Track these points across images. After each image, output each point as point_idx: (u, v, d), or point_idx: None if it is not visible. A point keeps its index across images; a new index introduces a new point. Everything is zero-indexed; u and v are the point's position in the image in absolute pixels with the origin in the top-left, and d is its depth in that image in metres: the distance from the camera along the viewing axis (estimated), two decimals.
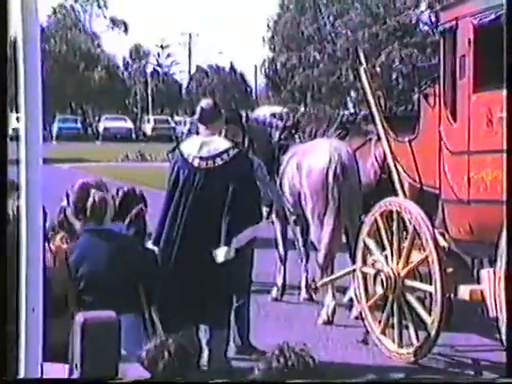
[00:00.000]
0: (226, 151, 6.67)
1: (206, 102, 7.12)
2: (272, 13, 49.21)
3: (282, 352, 2.35)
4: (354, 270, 8.07)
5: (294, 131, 10.00)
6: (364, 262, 7.90)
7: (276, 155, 9.67)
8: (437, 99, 7.29)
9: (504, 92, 6.01)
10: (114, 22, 71.52)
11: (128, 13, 77.01)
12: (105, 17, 71.51)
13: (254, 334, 7.49)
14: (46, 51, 58.23)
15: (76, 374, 2.49)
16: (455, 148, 7.03)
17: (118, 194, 5.73)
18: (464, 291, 7.00)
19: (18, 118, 2.76)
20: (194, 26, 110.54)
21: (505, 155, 5.88)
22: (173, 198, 6.66)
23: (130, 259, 5.22)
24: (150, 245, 6.49)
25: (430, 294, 7.21)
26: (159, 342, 3.30)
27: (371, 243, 7.82)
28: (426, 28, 43.85)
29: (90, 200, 5.08)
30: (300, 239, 9.74)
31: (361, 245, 7.94)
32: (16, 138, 2.67)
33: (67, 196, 5.23)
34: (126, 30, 71.47)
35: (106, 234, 5.25)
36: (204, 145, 6.70)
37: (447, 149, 7.13)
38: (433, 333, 7.08)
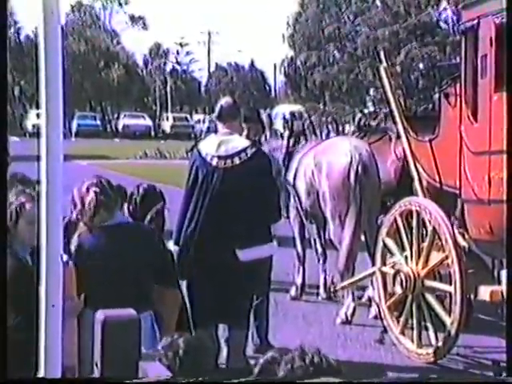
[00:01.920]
0: (244, 150, 6.64)
1: (225, 100, 7.10)
2: (292, 11, 49.18)
3: (304, 352, 2.32)
4: (374, 272, 8.04)
5: (300, 138, 9.91)
6: (383, 263, 7.87)
7: (285, 163, 9.61)
8: (458, 98, 7.25)
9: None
10: (134, 19, 71.71)
11: (147, 10, 77.45)
12: (124, 14, 71.77)
13: (273, 333, 7.48)
14: (66, 49, 58.42)
15: (96, 372, 2.48)
16: (476, 148, 6.99)
17: (138, 191, 5.70)
18: (484, 292, 6.97)
19: (38, 115, 2.77)
20: (213, 24, 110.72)
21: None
22: (191, 198, 6.65)
23: (143, 255, 5.16)
24: (171, 245, 6.46)
25: (450, 294, 7.17)
26: (177, 341, 3.28)
27: (391, 243, 7.79)
28: (447, 27, 43.67)
29: (88, 199, 4.98)
30: (317, 239, 9.70)
31: (380, 245, 7.90)
32: (36, 135, 2.68)
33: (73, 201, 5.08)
34: (145, 28, 71.69)
35: (114, 229, 5.16)
36: (222, 143, 6.68)
37: (468, 148, 7.09)
38: (452, 333, 7.05)
